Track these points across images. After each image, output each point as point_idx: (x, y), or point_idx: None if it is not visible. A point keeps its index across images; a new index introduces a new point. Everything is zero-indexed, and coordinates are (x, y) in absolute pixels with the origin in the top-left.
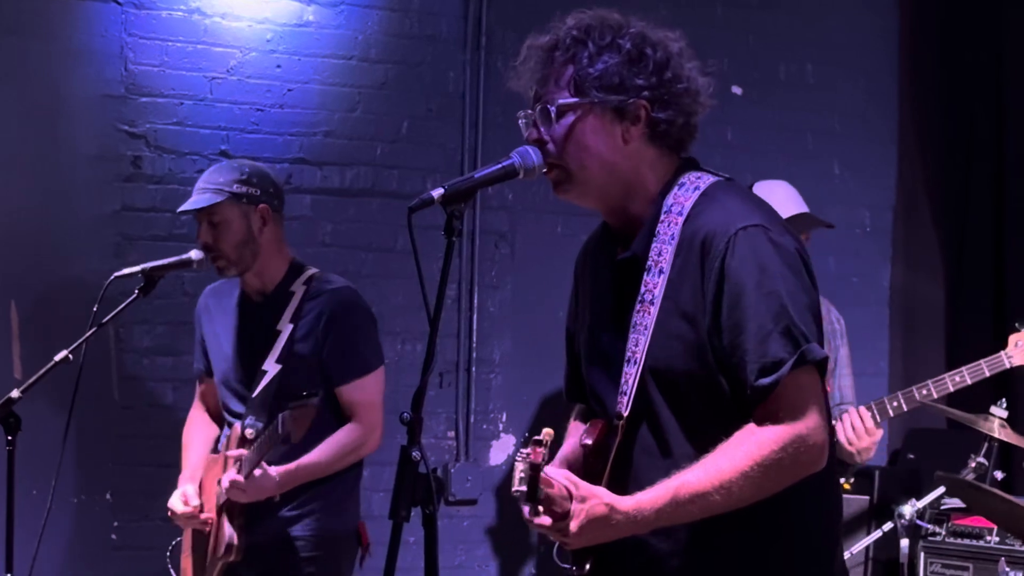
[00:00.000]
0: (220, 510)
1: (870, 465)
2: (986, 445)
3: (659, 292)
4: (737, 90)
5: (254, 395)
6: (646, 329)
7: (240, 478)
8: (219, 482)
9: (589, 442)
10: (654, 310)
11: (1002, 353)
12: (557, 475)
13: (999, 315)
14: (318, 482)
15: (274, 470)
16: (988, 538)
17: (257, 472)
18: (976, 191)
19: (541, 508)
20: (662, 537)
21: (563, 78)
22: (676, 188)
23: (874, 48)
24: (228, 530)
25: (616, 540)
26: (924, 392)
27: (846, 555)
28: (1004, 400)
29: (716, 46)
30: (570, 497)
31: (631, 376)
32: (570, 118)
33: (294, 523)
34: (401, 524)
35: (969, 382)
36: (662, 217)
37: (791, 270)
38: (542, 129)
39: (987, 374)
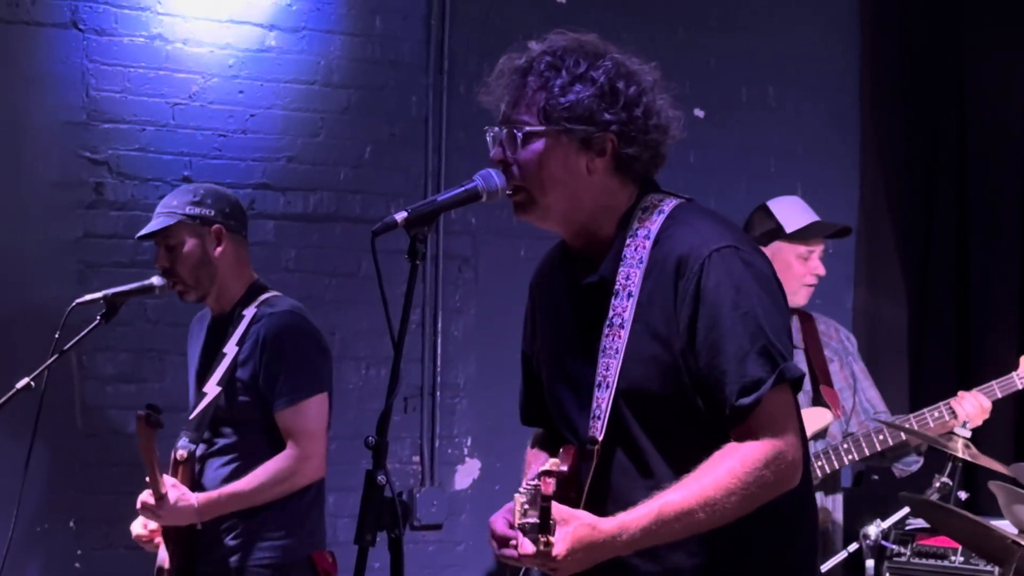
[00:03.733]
0: (163, 533)
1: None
2: (950, 465)
3: (628, 315)
4: (699, 113)
5: (191, 416)
6: (617, 353)
7: (151, 500)
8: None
9: (564, 469)
10: (624, 333)
11: (1013, 374)
12: None
13: (962, 336)
14: (258, 511)
15: (195, 497)
16: (953, 558)
17: (172, 496)
18: (939, 213)
19: (519, 544)
20: (646, 559)
21: (533, 104)
22: (639, 211)
23: (836, 70)
24: (162, 553)
25: (597, 565)
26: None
27: None
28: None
29: (678, 69)
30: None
31: (603, 400)
32: (536, 145)
33: (236, 553)
34: (367, 549)
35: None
36: (628, 241)
37: (764, 290)
38: (507, 151)
39: (998, 395)
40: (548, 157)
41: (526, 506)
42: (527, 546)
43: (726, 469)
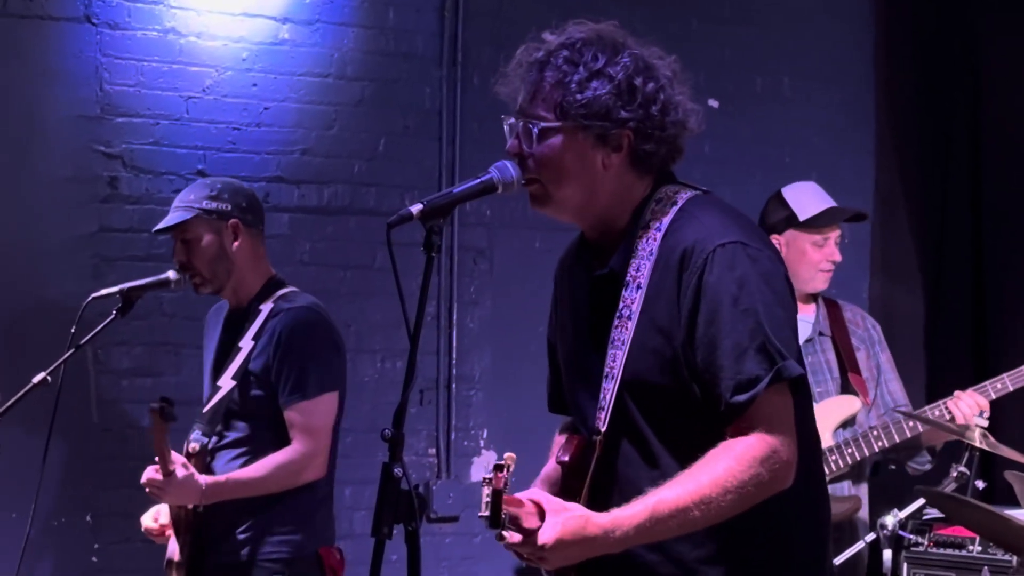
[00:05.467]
0: (172, 525)
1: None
2: (967, 454)
3: (636, 308)
4: (714, 103)
5: (204, 410)
6: (624, 344)
7: (157, 476)
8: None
9: (566, 459)
10: (631, 325)
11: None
12: (526, 494)
13: (978, 324)
14: (269, 506)
15: (202, 478)
16: (970, 547)
17: (180, 473)
18: (954, 202)
19: (506, 532)
20: (650, 549)
21: (550, 99)
22: (653, 203)
23: (850, 60)
24: (172, 545)
25: (601, 556)
26: (999, 386)
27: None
28: (985, 410)
29: (692, 60)
30: (540, 514)
31: (609, 391)
32: (552, 140)
33: (245, 547)
34: (384, 542)
35: None
36: (640, 233)
37: (769, 286)
38: (523, 144)
39: (1010, 388)
40: (564, 152)
41: (487, 499)
42: (514, 535)
43: (723, 467)
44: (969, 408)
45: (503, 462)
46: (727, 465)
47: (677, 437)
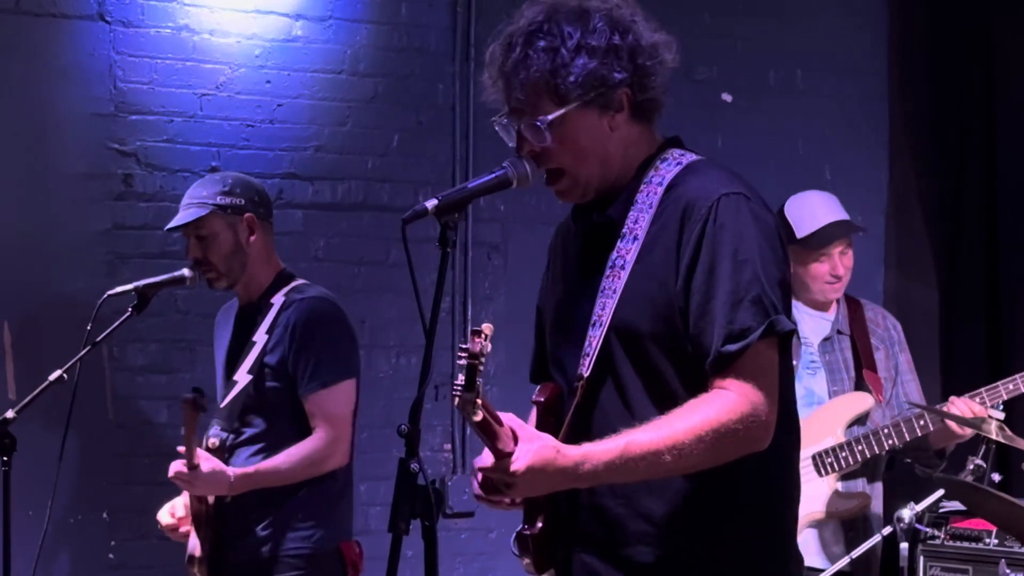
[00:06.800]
0: (193, 521)
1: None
2: (983, 447)
3: (631, 258)
4: (727, 97)
5: (222, 405)
6: (614, 293)
7: (184, 469)
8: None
9: (541, 400)
10: (624, 275)
11: (1017, 377)
12: (504, 416)
13: (993, 318)
14: (287, 501)
15: (231, 470)
16: (987, 540)
17: (205, 467)
18: (968, 195)
19: (466, 394)
20: (619, 500)
21: (543, 91)
22: (659, 161)
23: (863, 53)
24: (192, 541)
25: (570, 502)
26: (1011, 387)
27: (846, 559)
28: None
29: (705, 54)
30: (515, 439)
31: (595, 338)
32: (562, 128)
33: (267, 543)
34: (400, 537)
35: None
36: (641, 187)
37: (768, 241)
38: (534, 142)
39: (1004, 397)
40: (575, 134)
41: (463, 366)
42: (486, 458)
43: (700, 416)
44: (962, 413)
45: (480, 328)
46: (705, 416)
47: (661, 387)
